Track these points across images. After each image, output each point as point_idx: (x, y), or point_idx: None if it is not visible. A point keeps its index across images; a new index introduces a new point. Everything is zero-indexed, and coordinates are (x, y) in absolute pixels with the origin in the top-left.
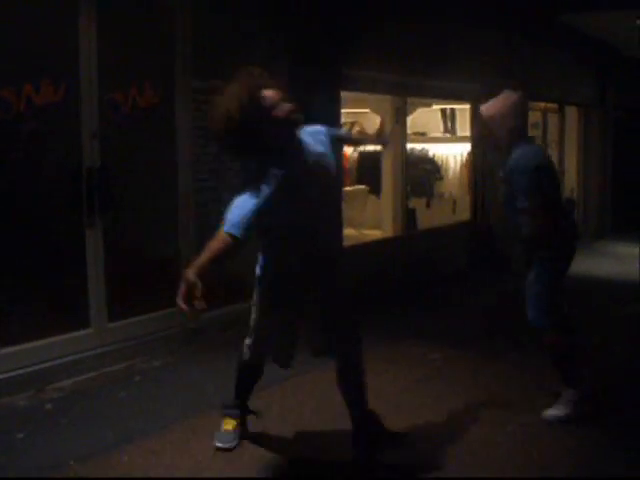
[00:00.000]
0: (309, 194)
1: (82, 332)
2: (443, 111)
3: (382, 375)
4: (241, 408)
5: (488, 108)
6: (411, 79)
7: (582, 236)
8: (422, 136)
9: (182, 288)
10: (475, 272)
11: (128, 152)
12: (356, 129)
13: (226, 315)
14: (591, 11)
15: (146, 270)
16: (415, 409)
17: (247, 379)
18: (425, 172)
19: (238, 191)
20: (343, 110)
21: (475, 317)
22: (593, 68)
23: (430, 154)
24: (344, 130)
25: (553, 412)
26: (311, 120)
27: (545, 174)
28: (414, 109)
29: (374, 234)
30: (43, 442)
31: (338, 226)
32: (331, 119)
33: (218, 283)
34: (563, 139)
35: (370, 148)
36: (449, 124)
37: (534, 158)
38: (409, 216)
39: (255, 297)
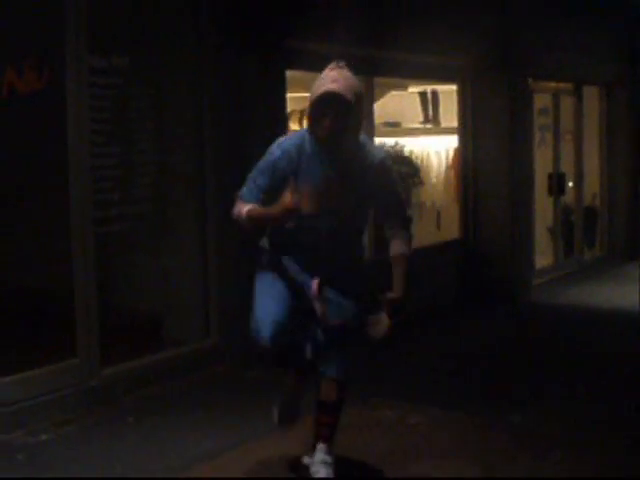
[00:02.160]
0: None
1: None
2: (422, 95)
3: (350, 446)
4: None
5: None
6: (378, 53)
7: (606, 256)
8: (395, 127)
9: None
10: (467, 305)
11: (4, 153)
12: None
13: (138, 369)
14: None
15: (30, 313)
16: None
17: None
18: (400, 176)
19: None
20: (289, 94)
21: (467, 367)
22: (620, 36)
23: (406, 151)
24: None
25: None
26: (246, 109)
27: None
28: (384, 92)
29: None
30: None
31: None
32: (273, 106)
33: (129, 326)
34: (580, 130)
35: None
36: (430, 111)
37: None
38: (377, 234)
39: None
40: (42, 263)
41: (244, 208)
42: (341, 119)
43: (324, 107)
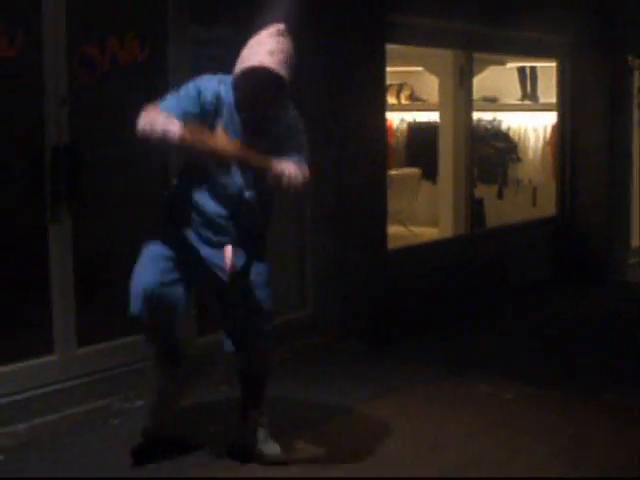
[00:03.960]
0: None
1: (42, 360)
2: (521, 70)
3: (440, 421)
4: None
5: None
6: (479, 28)
7: None
8: (493, 103)
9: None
10: (561, 283)
11: (106, 124)
12: (405, 94)
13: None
14: None
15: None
16: (480, 466)
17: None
18: (497, 151)
19: None
20: (388, 69)
21: (561, 343)
22: None
23: (503, 127)
24: None
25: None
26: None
27: None
28: (483, 68)
29: (428, 233)
30: None
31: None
32: (373, 80)
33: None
34: None
35: (425, 119)
36: (528, 87)
37: None
38: (475, 209)
39: None
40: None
41: (170, 121)
42: (271, 95)
43: (254, 80)
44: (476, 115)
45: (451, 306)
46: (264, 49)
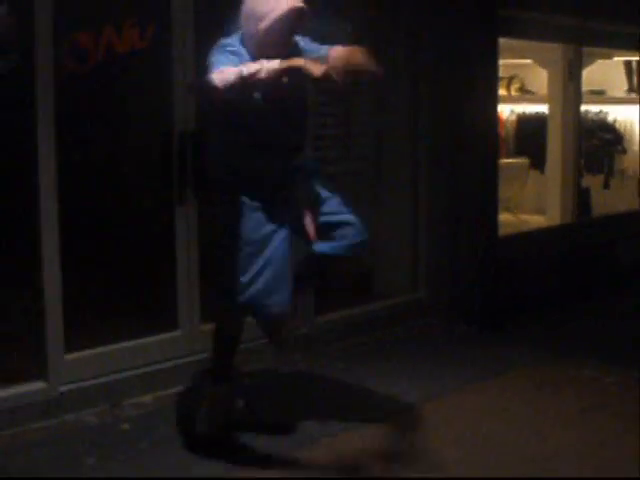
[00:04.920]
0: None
1: (167, 335)
2: (627, 64)
3: (539, 402)
4: None
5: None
6: (588, 23)
7: None
8: (600, 96)
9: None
10: None
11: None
12: (515, 86)
13: (348, 319)
14: None
15: None
16: (575, 448)
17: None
18: (603, 142)
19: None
20: (500, 62)
21: None
22: None
23: (610, 119)
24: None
25: None
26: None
27: None
28: (591, 61)
29: (536, 220)
30: (117, 470)
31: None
32: (486, 73)
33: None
34: None
35: (533, 110)
36: (635, 81)
37: None
38: (582, 198)
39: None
40: None
41: (237, 69)
42: (296, 31)
43: (288, 22)
44: (584, 107)
45: (559, 292)
46: None
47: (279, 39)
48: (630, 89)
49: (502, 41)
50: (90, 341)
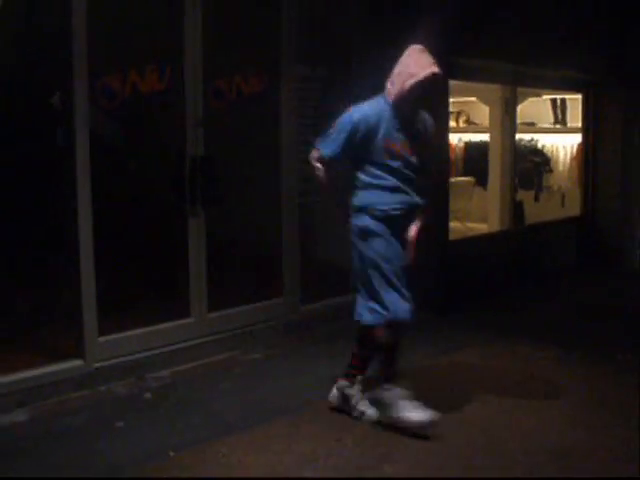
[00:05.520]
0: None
1: (181, 322)
2: (553, 101)
3: (483, 374)
4: None
5: None
6: (522, 68)
7: None
8: (531, 126)
9: None
10: (584, 270)
11: (232, 141)
12: (463, 119)
13: (329, 307)
14: None
15: (248, 261)
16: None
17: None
18: (534, 164)
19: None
20: (450, 99)
21: (585, 316)
22: None
23: (539, 145)
24: None
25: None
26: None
27: None
28: (523, 99)
29: (479, 228)
30: (142, 431)
31: (443, 217)
32: (440, 109)
33: (324, 275)
34: None
35: (477, 138)
36: (559, 114)
37: None
38: (516, 210)
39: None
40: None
41: (330, 169)
42: (425, 95)
43: (426, 86)
44: (518, 136)
45: (499, 285)
46: (425, 61)
47: (416, 96)
48: (555, 121)
49: (452, 83)
50: (119, 326)
